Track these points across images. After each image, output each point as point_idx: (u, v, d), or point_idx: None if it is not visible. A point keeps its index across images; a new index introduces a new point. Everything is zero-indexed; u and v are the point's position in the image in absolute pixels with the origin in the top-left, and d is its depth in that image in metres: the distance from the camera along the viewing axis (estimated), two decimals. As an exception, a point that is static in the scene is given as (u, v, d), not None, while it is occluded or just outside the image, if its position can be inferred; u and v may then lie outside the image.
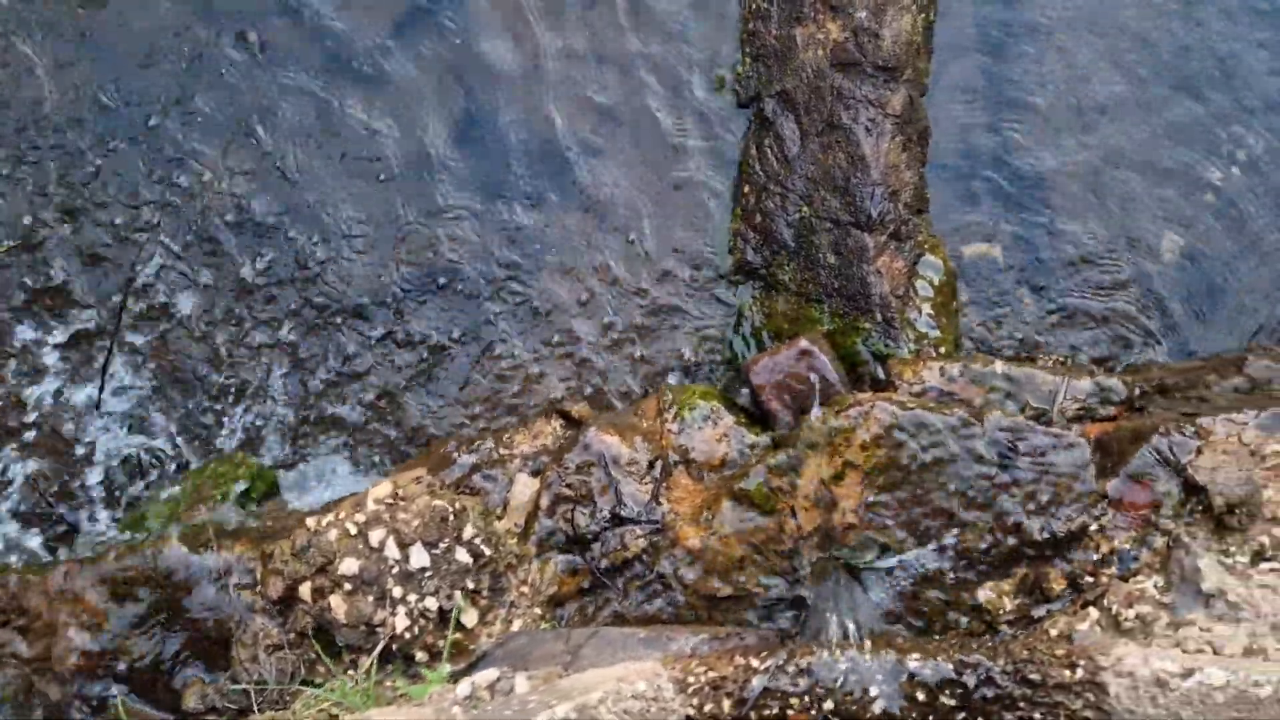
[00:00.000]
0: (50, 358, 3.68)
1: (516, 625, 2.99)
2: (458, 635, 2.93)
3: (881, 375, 3.67)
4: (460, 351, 3.87)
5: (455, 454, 3.34)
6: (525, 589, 3.06)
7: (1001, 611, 2.97)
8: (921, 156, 4.04)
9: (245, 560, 2.96)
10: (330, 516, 2.95)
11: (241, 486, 3.51)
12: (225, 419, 3.73)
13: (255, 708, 2.78)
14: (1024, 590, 2.98)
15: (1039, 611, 2.96)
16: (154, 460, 3.62)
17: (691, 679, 2.52)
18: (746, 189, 4.04)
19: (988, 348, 4.01)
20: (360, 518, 2.94)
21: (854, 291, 3.79)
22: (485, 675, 2.39)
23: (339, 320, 3.87)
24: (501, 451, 3.33)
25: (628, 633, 2.85)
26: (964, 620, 3.01)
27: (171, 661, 2.90)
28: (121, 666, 2.89)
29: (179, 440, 3.68)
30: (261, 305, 3.86)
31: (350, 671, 2.85)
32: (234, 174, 3.95)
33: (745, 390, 3.61)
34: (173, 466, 3.65)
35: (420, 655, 2.90)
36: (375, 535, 2.92)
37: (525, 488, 3.22)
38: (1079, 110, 4.21)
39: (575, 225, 4.02)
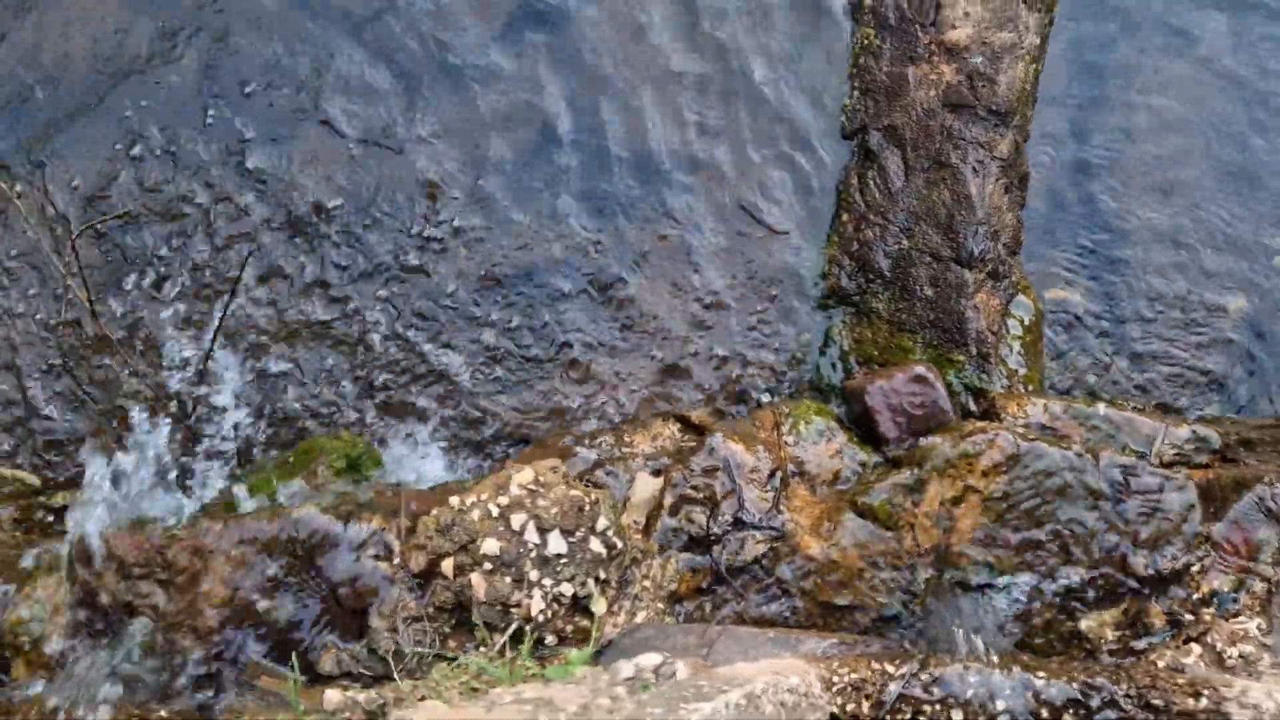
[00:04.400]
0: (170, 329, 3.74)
1: (640, 617, 3.08)
2: (585, 622, 3.01)
3: (973, 407, 3.82)
4: (553, 355, 3.94)
5: (576, 448, 3.43)
6: (647, 583, 3.15)
7: (1103, 640, 3.12)
8: (1021, 200, 4.21)
9: (382, 533, 3.02)
10: (473, 497, 3.03)
11: (349, 462, 3.57)
12: (336, 396, 3.79)
13: (394, 675, 2.84)
14: (1126, 623, 3.13)
15: (1139, 644, 3.11)
16: (267, 429, 3.67)
17: (836, 679, 2.64)
18: (845, 217, 4.18)
19: (1060, 388, 4.18)
20: (503, 500, 3.02)
21: (950, 325, 3.93)
22: (649, 659, 2.48)
23: (442, 316, 3.93)
24: (623, 449, 3.42)
25: (756, 632, 2.95)
26: (1065, 645, 3.15)
27: (307, 626, 2.96)
28: (258, 626, 2.94)
29: (291, 411, 3.74)
30: (373, 292, 3.92)
31: (482, 649, 2.93)
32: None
33: (843, 408, 3.75)
34: (283, 436, 3.70)
35: (550, 639, 2.98)
36: (516, 519, 3.00)
37: (647, 486, 3.31)
38: (1162, 170, 4.42)
39: (673, 237, 4.13)
